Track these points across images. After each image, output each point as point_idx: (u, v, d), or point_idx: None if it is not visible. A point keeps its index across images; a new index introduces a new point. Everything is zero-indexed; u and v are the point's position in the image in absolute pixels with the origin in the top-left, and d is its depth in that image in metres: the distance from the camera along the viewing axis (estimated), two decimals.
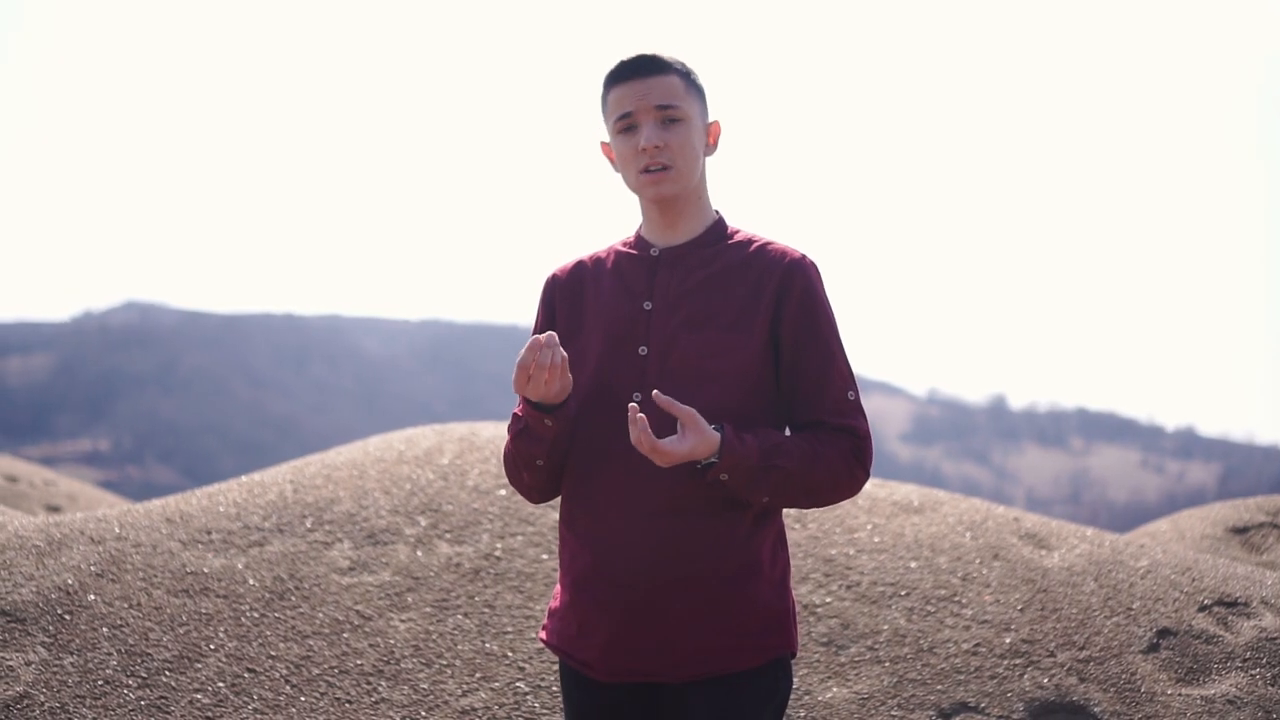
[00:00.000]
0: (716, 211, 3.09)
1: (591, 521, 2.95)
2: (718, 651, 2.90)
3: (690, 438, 2.73)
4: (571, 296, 3.08)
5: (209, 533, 5.52)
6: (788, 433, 2.96)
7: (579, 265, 3.12)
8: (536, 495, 3.11)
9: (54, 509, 13.02)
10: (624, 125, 2.96)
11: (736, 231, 3.06)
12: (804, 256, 2.99)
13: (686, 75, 3.00)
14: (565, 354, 2.80)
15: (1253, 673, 5.01)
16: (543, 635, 3.12)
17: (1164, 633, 5.18)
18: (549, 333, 2.77)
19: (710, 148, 3.06)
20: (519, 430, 2.97)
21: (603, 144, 3.08)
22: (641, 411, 2.86)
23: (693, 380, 2.90)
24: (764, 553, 2.95)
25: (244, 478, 6.30)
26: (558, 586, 3.10)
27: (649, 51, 2.98)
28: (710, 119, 3.06)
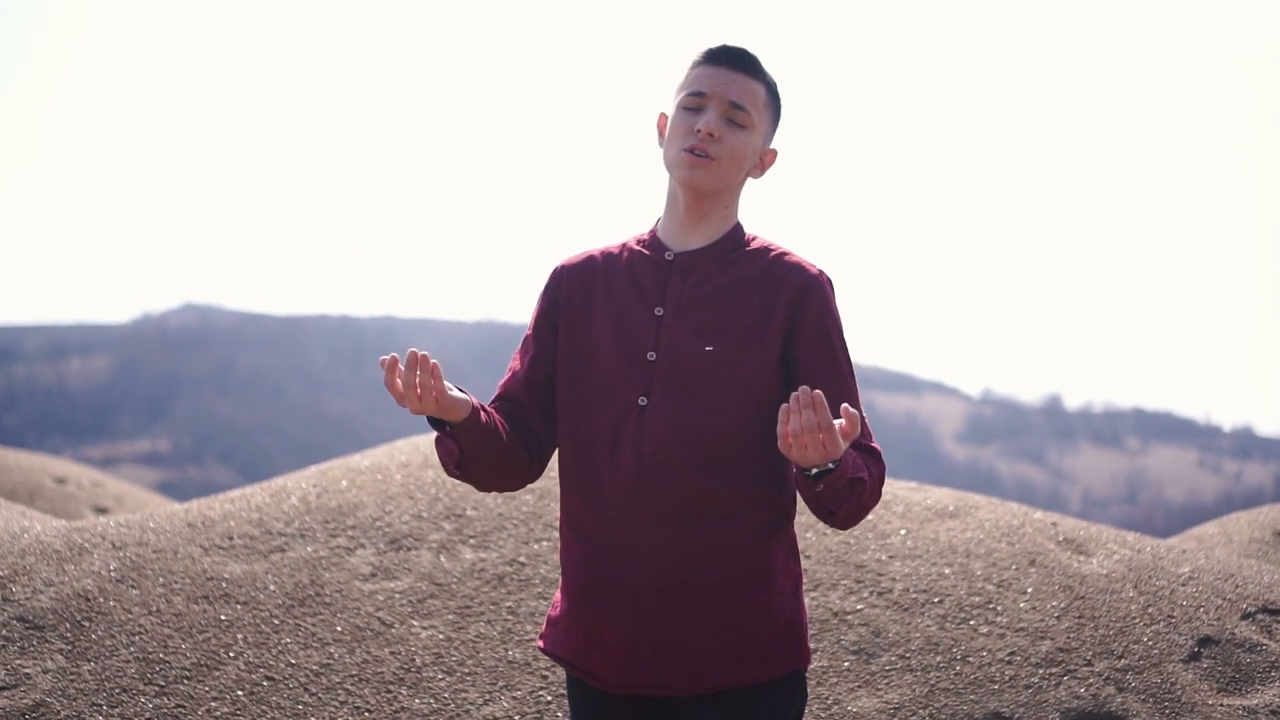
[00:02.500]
0: (737, 219, 3.01)
1: (599, 527, 2.88)
2: (731, 664, 2.85)
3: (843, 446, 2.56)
4: (580, 291, 3.00)
5: (231, 538, 5.47)
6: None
7: (589, 259, 3.04)
8: (480, 488, 3.01)
9: (101, 510, 13.08)
10: (693, 103, 2.89)
11: (753, 239, 2.99)
12: (821, 272, 2.93)
13: (773, 93, 2.96)
14: (433, 366, 2.66)
15: None
16: (541, 644, 3.05)
17: (1205, 641, 5.05)
18: (410, 352, 2.65)
19: (758, 171, 2.99)
20: (437, 436, 2.88)
21: (661, 115, 3.01)
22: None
23: (701, 390, 2.84)
24: (776, 562, 2.90)
25: (268, 482, 6.26)
26: (558, 593, 3.03)
27: (752, 52, 2.93)
28: (770, 146, 3.00)
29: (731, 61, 2.90)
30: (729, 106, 2.87)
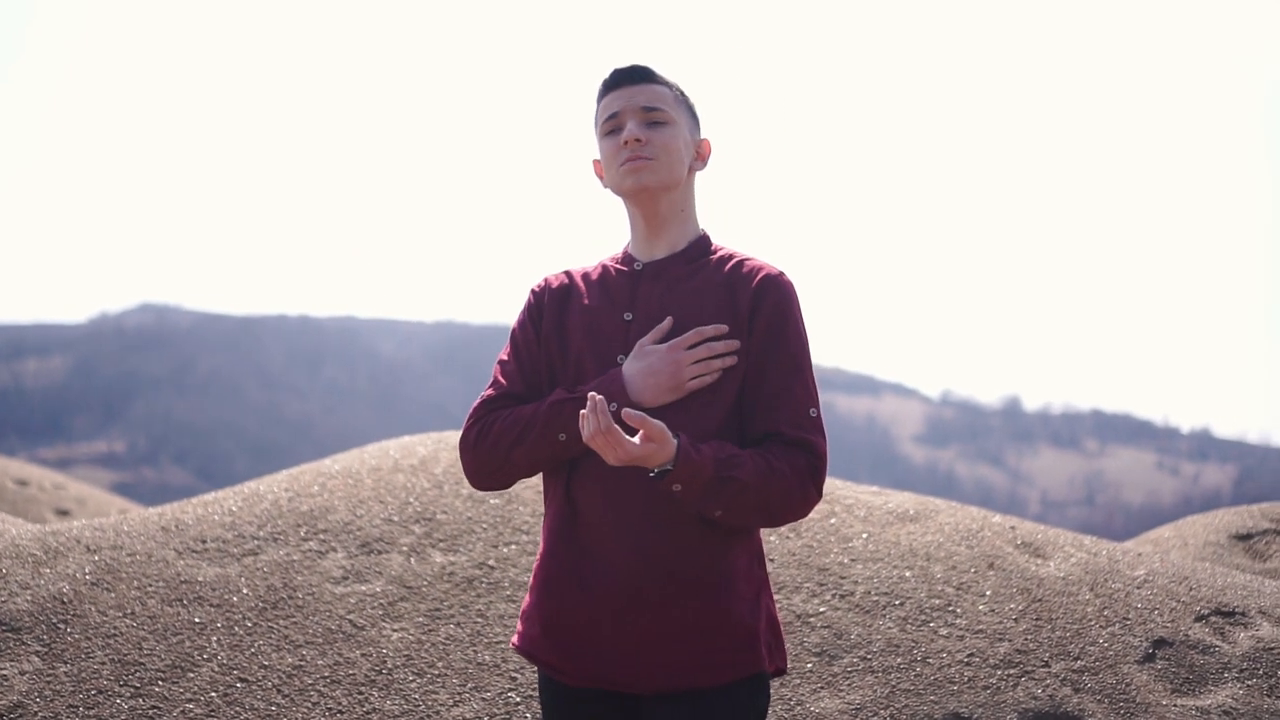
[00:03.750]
0: (702, 229, 3.11)
1: (569, 527, 2.97)
2: (692, 666, 2.91)
3: (650, 446, 2.71)
4: (559, 306, 3.10)
5: (204, 541, 5.53)
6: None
7: (567, 275, 3.16)
8: (497, 483, 3.06)
9: (63, 513, 13.08)
10: (610, 127, 3.04)
11: (719, 249, 3.09)
12: (781, 274, 3.02)
13: (678, 92, 3.07)
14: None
15: (1249, 683, 5.00)
16: (515, 641, 3.12)
17: (1160, 643, 5.16)
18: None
19: (700, 163, 3.11)
20: (543, 434, 2.94)
21: (594, 161, 3.14)
22: (617, 424, 2.87)
23: None
24: (738, 569, 2.96)
25: (240, 486, 6.32)
26: (529, 592, 3.11)
27: (645, 65, 3.05)
28: (701, 137, 3.11)
29: (630, 78, 3.04)
30: (642, 112, 3.00)
